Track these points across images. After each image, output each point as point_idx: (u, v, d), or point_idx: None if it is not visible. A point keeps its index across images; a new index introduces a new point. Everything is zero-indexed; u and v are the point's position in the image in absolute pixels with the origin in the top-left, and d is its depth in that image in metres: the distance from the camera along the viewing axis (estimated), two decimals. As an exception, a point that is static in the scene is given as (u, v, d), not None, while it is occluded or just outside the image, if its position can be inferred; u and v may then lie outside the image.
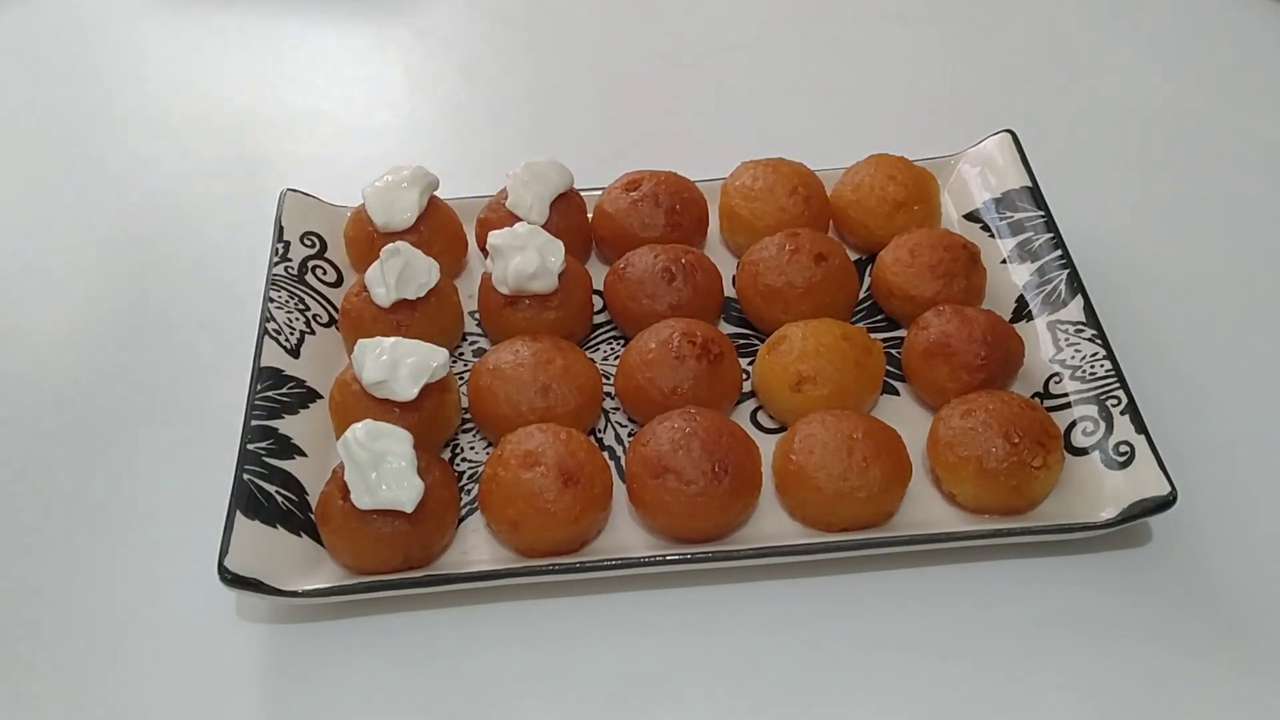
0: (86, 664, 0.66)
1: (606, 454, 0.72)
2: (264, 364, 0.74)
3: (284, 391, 0.74)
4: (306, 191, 0.86)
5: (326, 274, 0.83)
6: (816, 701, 0.63)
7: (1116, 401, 0.70)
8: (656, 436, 0.68)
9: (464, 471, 0.73)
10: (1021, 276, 0.80)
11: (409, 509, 0.64)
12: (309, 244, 0.83)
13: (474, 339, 0.82)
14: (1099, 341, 0.73)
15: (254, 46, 1.14)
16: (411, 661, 0.65)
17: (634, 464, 0.68)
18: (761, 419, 0.75)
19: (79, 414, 0.79)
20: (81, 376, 0.81)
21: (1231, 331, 0.81)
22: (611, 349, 0.80)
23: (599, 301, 0.82)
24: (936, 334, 0.73)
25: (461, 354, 0.80)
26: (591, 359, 0.75)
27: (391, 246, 0.75)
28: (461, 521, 0.70)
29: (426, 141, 1.03)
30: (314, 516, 0.68)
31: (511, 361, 0.72)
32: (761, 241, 0.79)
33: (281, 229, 0.82)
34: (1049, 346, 0.75)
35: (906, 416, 0.74)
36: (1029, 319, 0.78)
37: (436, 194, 0.83)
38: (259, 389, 0.73)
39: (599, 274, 0.83)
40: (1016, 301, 0.79)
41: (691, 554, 0.66)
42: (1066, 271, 0.78)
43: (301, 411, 0.74)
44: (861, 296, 0.82)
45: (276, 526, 0.67)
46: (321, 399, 0.75)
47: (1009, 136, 0.86)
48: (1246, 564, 0.68)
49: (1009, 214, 0.83)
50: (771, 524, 0.69)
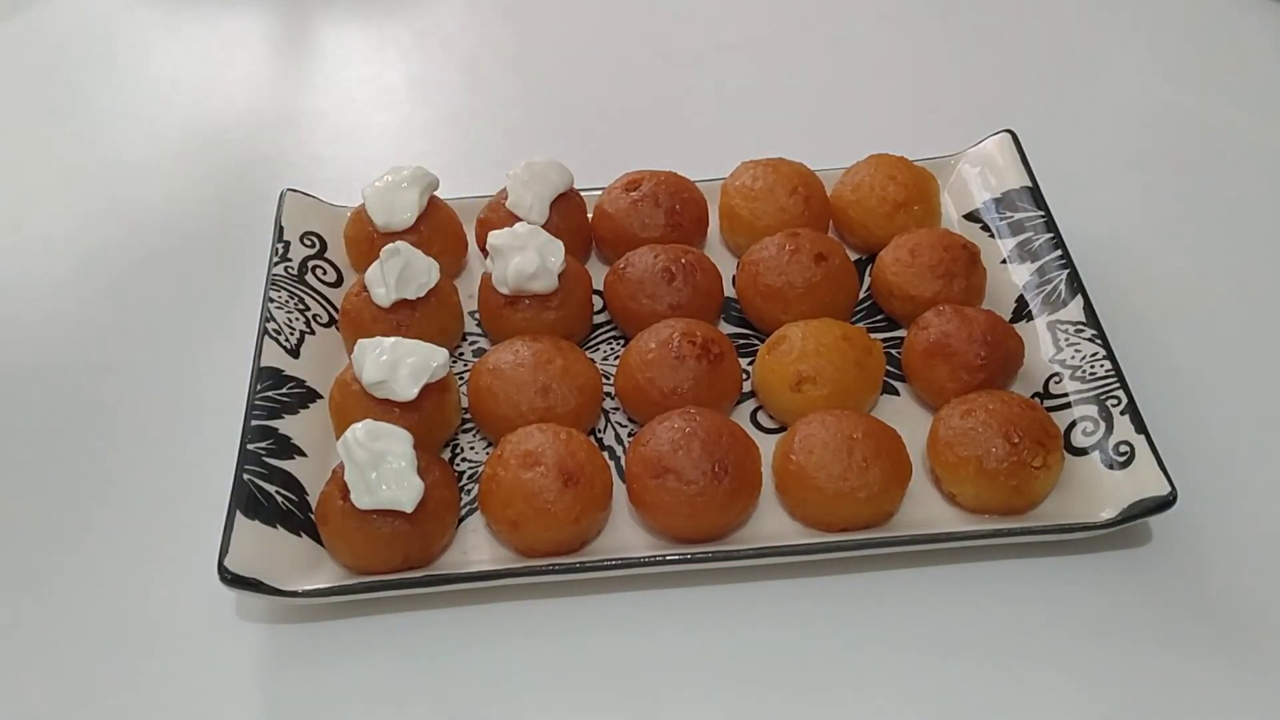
0: (86, 664, 0.66)
1: (606, 454, 0.72)
2: (264, 364, 0.74)
3: (284, 391, 0.74)
4: (306, 191, 0.86)
5: (326, 274, 0.83)
6: (817, 701, 0.63)
7: (1116, 401, 0.70)
8: (656, 436, 0.68)
9: (464, 471, 0.73)
10: (1021, 276, 0.80)
11: (409, 509, 0.64)
12: (309, 244, 0.83)
13: (474, 339, 0.82)
14: (1099, 341, 0.73)
15: (254, 46, 1.14)
16: (412, 661, 0.65)
17: (634, 464, 0.68)
18: (761, 419, 0.75)
19: (79, 413, 0.79)
20: (81, 376, 0.81)
21: (1231, 331, 0.81)
22: (611, 349, 0.80)
23: (599, 301, 0.82)
24: (936, 334, 0.73)
25: (461, 354, 0.80)
26: (591, 359, 0.75)
27: (391, 246, 0.75)
28: (461, 521, 0.70)
29: (426, 141, 1.03)
30: (314, 516, 0.68)
31: (511, 361, 0.72)
32: (761, 241, 0.79)
33: (281, 229, 0.82)
34: (1049, 346, 0.75)
35: (906, 416, 0.74)
36: (1029, 319, 0.78)
37: (436, 194, 0.83)
38: (259, 389, 0.73)
39: (599, 274, 0.83)
40: (1016, 301, 0.79)
41: (691, 554, 0.66)
42: (1066, 271, 0.78)
43: (301, 411, 0.74)
44: (861, 296, 0.82)
45: (276, 526, 0.67)
46: (321, 399, 0.75)
47: (1009, 136, 0.86)
48: (1246, 564, 0.68)
49: (1009, 214, 0.83)
50: (771, 524, 0.69)
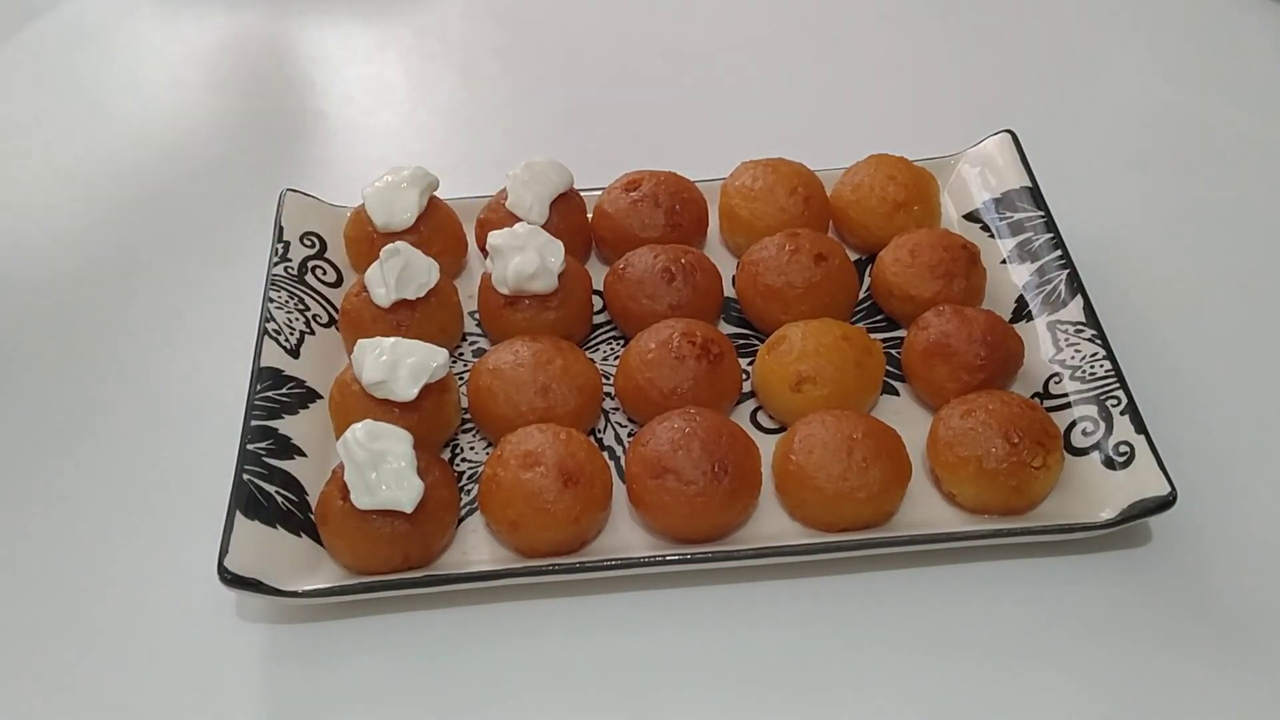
0: (87, 664, 0.66)
1: (606, 454, 0.72)
2: (264, 364, 0.74)
3: (284, 392, 0.74)
4: (306, 191, 0.86)
5: (326, 274, 0.83)
6: (817, 701, 0.63)
7: (1116, 401, 0.70)
8: (656, 437, 0.68)
9: (464, 471, 0.73)
10: (1021, 276, 0.80)
11: (408, 509, 0.64)
12: (309, 244, 0.83)
13: (474, 339, 0.82)
14: (1099, 341, 0.73)
15: (254, 46, 1.14)
16: (411, 661, 0.65)
17: (634, 464, 0.68)
18: (761, 419, 0.75)
19: (79, 413, 0.79)
20: (81, 376, 0.81)
21: (1231, 331, 0.81)
22: (611, 349, 0.80)
23: (599, 301, 0.82)
24: (936, 334, 0.73)
25: (461, 354, 0.80)
26: (591, 359, 0.75)
27: (391, 247, 0.75)
28: (461, 521, 0.70)
29: (426, 141, 1.03)
30: (314, 517, 0.68)
31: (511, 362, 0.72)
32: (761, 241, 0.79)
33: (281, 229, 0.82)
34: (1049, 346, 0.75)
35: (906, 416, 0.74)
36: (1029, 319, 0.78)
37: (436, 194, 0.83)
38: (259, 389, 0.73)
39: (599, 274, 0.83)
40: (1016, 301, 0.79)
41: (691, 554, 0.66)
42: (1066, 271, 0.78)
43: (301, 412, 0.74)
44: (861, 296, 0.82)
45: (276, 527, 0.67)
46: (321, 399, 0.75)
47: (1009, 136, 0.86)
48: (1246, 564, 0.68)
49: (1009, 214, 0.83)
50: (771, 524, 0.69)
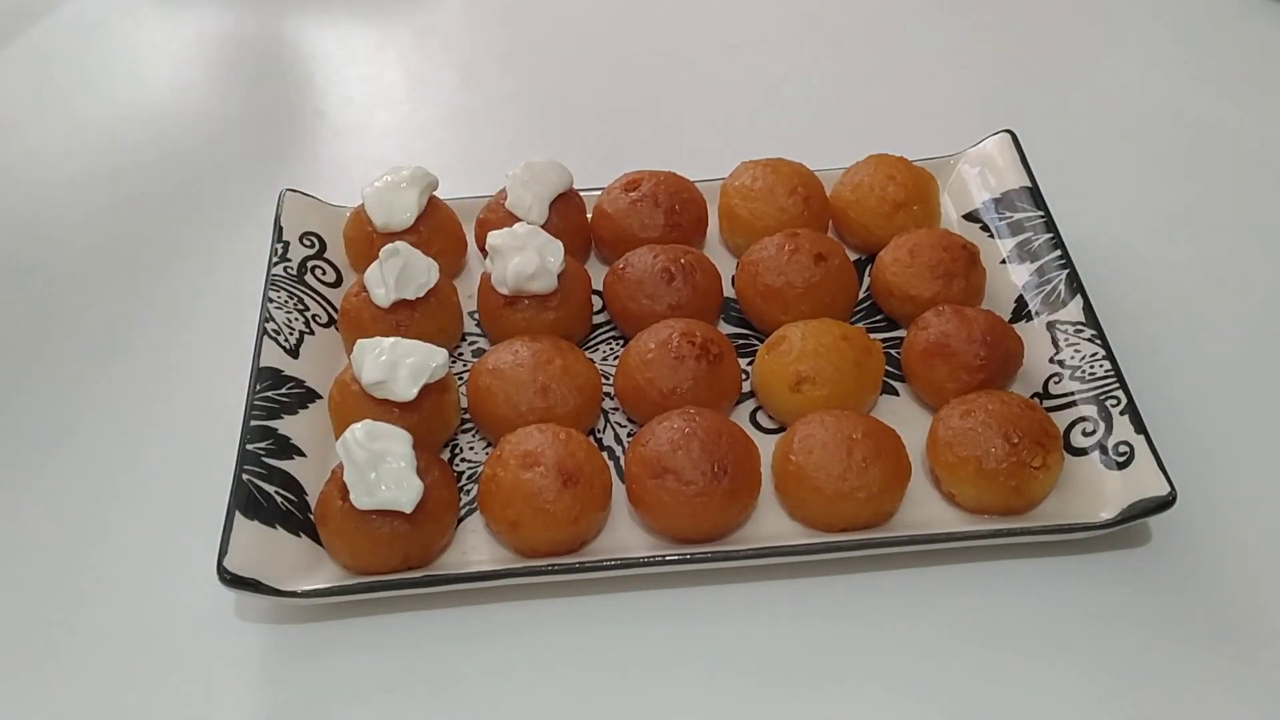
0: (86, 664, 0.66)
1: (606, 454, 0.72)
2: (263, 364, 0.74)
3: (283, 392, 0.74)
4: (306, 191, 0.86)
5: (326, 274, 0.83)
6: (816, 701, 0.63)
7: (1116, 401, 0.70)
8: (656, 437, 0.68)
9: (463, 471, 0.73)
10: (1021, 276, 0.80)
11: (408, 509, 0.64)
12: (308, 244, 0.83)
13: (473, 339, 0.82)
14: (1098, 341, 0.73)
15: (254, 46, 1.14)
16: (411, 661, 0.65)
17: (633, 464, 0.68)
18: (761, 419, 0.75)
19: (78, 413, 0.79)
20: (80, 375, 0.81)
21: (1231, 331, 0.81)
22: (611, 349, 0.80)
23: (598, 302, 0.82)
24: (936, 334, 0.73)
25: (461, 354, 0.80)
26: (591, 359, 0.75)
27: (391, 247, 0.75)
28: (461, 521, 0.70)
29: (426, 141, 1.03)
30: (313, 517, 0.68)
31: (511, 362, 0.72)
32: (761, 241, 0.79)
33: (281, 229, 0.82)
34: (1048, 346, 0.75)
35: (906, 416, 0.74)
36: (1029, 319, 0.78)
37: (436, 194, 0.83)
38: (258, 389, 0.73)
39: (598, 274, 0.83)
40: (1016, 302, 0.79)
41: (691, 554, 0.66)
42: (1066, 271, 0.77)
43: (301, 412, 0.74)
44: (861, 296, 0.82)
45: (276, 527, 0.67)
46: (321, 399, 0.75)
47: (1009, 136, 0.86)
48: (1246, 564, 0.68)
49: (1008, 214, 0.83)
50: (771, 524, 0.69)
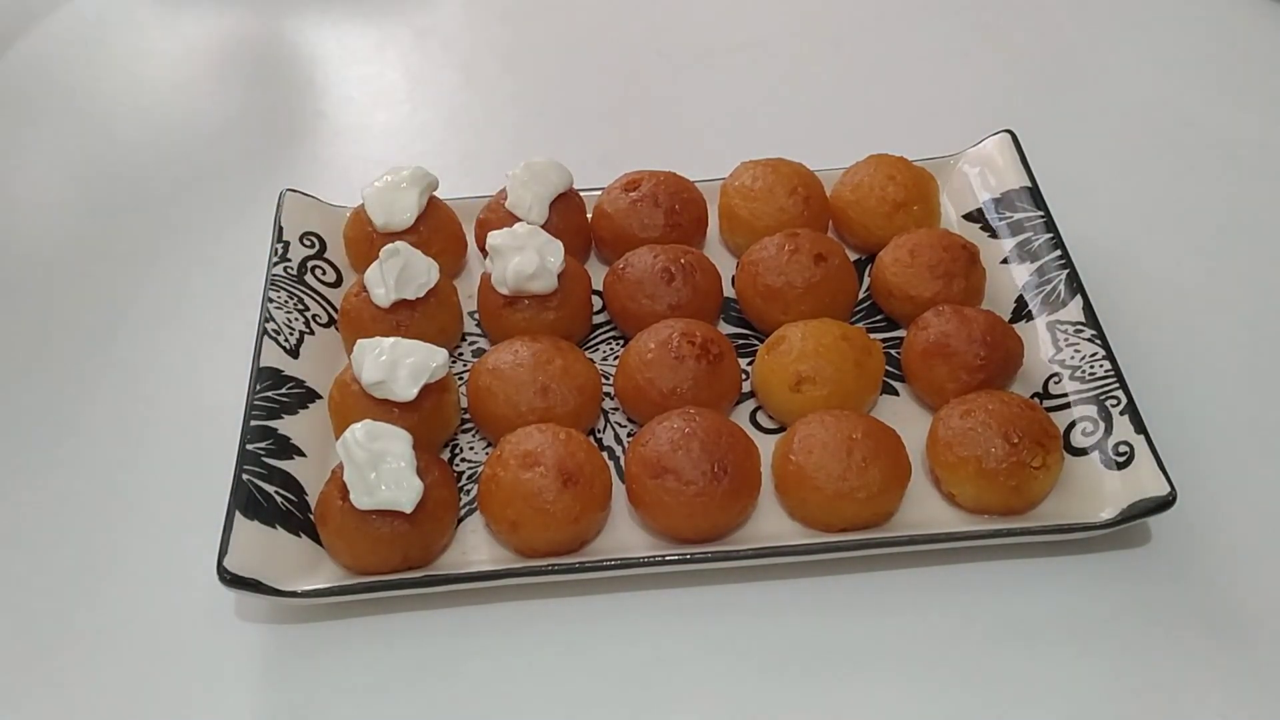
0: (86, 664, 0.66)
1: (606, 454, 0.72)
2: (263, 364, 0.74)
3: (283, 392, 0.74)
4: (306, 192, 0.86)
5: (326, 274, 0.83)
6: (816, 701, 0.63)
7: (1116, 401, 0.70)
8: (656, 437, 0.68)
9: (463, 471, 0.73)
10: (1021, 276, 0.80)
11: (408, 509, 0.64)
12: (308, 244, 0.83)
13: (473, 339, 0.82)
14: (1098, 341, 0.73)
15: (254, 46, 1.14)
16: (411, 661, 0.65)
17: (633, 464, 0.68)
18: (761, 419, 0.75)
19: (78, 413, 0.79)
20: (80, 376, 0.81)
21: (1231, 331, 0.81)
22: (611, 349, 0.80)
23: (598, 302, 0.82)
24: (936, 334, 0.73)
25: (461, 354, 0.80)
26: (591, 359, 0.75)
27: (391, 247, 0.75)
28: (461, 521, 0.70)
29: (426, 141, 1.03)
30: (313, 517, 0.68)
31: (511, 362, 0.72)
32: (761, 241, 0.79)
33: (281, 229, 0.82)
34: (1048, 346, 0.75)
35: (906, 416, 0.74)
36: (1029, 319, 0.78)
37: (436, 194, 0.83)
38: (258, 389, 0.73)
39: (598, 274, 0.83)
40: (1016, 301, 0.79)
41: (691, 554, 0.66)
42: (1066, 272, 0.77)
43: (301, 412, 0.74)
44: (861, 296, 0.82)
45: (276, 527, 0.67)
46: (321, 399, 0.75)
47: (1009, 136, 0.86)
48: (1246, 564, 0.68)
49: (1008, 214, 0.83)
50: (771, 524, 0.69)
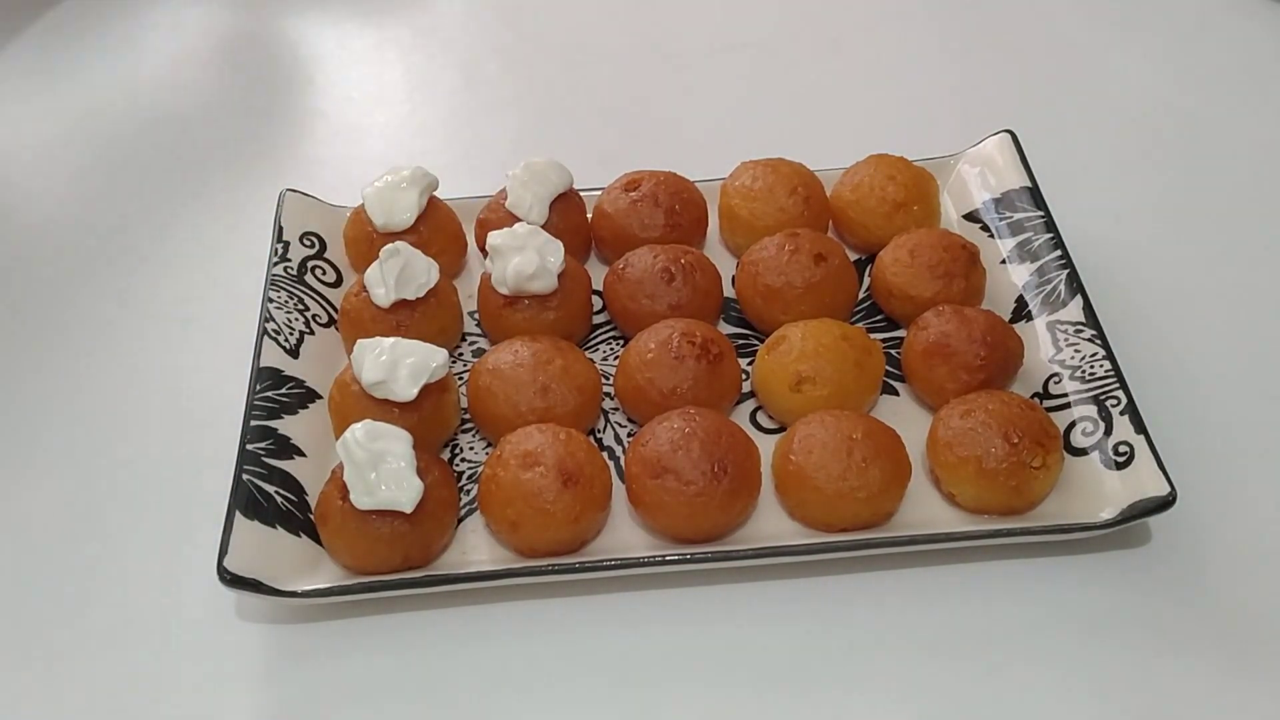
0: (86, 664, 0.66)
1: (606, 454, 0.72)
2: (263, 364, 0.74)
3: (283, 392, 0.74)
4: (306, 191, 0.86)
5: (326, 274, 0.83)
6: (816, 701, 0.63)
7: (1116, 402, 0.70)
8: (656, 437, 0.68)
9: (463, 471, 0.73)
10: (1021, 276, 0.80)
11: (408, 509, 0.64)
12: (308, 244, 0.83)
13: (473, 339, 0.82)
14: (1098, 342, 0.73)
15: (254, 46, 1.14)
16: (411, 661, 0.65)
17: (633, 464, 0.68)
18: (761, 419, 0.75)
19: (78, 413, 0.79)
20: (79, 375, 0.81)
21: (1231, 331, 0.81)
22: (611, 349, 0.80)
23: (599, 302, 0.82)
24: (936, 334, 0.73)
25: (461, 354, 0.80)
26: (591, 359, 0.75)
27: (391, 247, 0.75)
28: (461, 521, 0.70)
29: (426, 141, 1.03)
30: (313, 517, 0.68)
31: (511, 362, 0.72)
32: (761, 242, 0.79)
33: (281, 229, 0.82)
34: (1048, 347, 0.75)
35: (906, 416, 0.74)
36: (1029, 319, 0.78)
37: (436, 194, 0.83)
38: (258, 389, 0.73)
39: (599, 274, 0.83)
40: (1016, 302, 0.79)
41: (691, 554, 0.66)
42: (1066, 271, 0.77)
43: (301, 412, 0.74)
44: (861, 296, 0.82)
45: (276, 527, 0.67)
46: (321, 399, 0.75)
47: (1009, 136, 0.86)
48: (1246, 564, 0.68)
49: (1009, 214, 0.83)
50: (771, 524, 0.69)
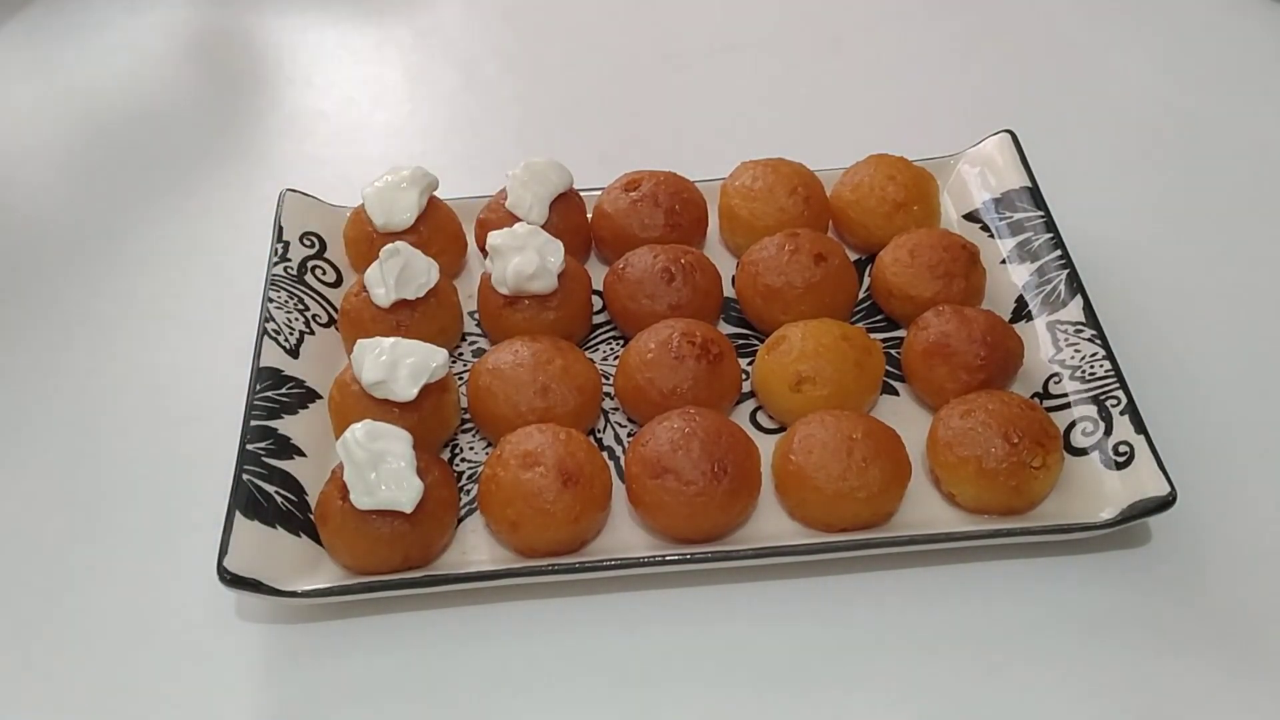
0: (87, 664, 0.66)
1: (606, 454, 0.72)
2: (263, 364, 0.74)
3: (283, 391, 0.74)
4: (306, 191, 0.86)
5: (326, 274, 0.83)
6: (816, 701, 0.63)
7: (1116, 402, 0.70)
8: (656, 437, 0.68)
9: (463, 471, 0.73)
10: (1021, 276, 0.80)
11: (408, 509, 0.64)
12: (308, 244, 0.83)
13: (473, 339, 0.82)
14: (1098, 341, 0.73)
15: (254, 46, 1.14)
16: (411, 661, 0.65)
17: (633, 464, 0.68)
18: (761, 419, 0.75)
19: (78, 413, 0.79)
20: (81, 375, 0.81)
21: (1231, 331, 0.81)
22: (611, 349, 0.80)
23: (599, 302, 0.82)
24: (936, 334, 0.73)
25: (461, 354, 0.80)
26: (591, 359, 0.75)
27: (391, 247, 0.75)
28: (461, 521, 0.70)
29: (426, 141, 1.03)
30: (313, 517, 0.68)
31: (511, 362, 0.72)
32: (761, 242, 0.79)
33: (281, 229, 0.82)
34: (1048, 346, 0.75)
35: (906, 416, 0.74)
36: (1029, 319, 0.78)
37: (436, 194, 0.83)
38: (258, 389, 0.73)
39: (599, 274, 0.83)
40: (1016, 302, 0.79)
41: (691, 554, 0.66)
42: (1066, 271, 0.77)
43: (301, 412, 0.74)
44: (861, 296, 0.82)
45: (276, 527, 0.67)
46: (321, 399, 0.75)
47: (1009, 136, 0.86)
48: (1246, 564, 0.68)
49: (1008, 214, 0.83)
50: (771, 524, 0.69)
